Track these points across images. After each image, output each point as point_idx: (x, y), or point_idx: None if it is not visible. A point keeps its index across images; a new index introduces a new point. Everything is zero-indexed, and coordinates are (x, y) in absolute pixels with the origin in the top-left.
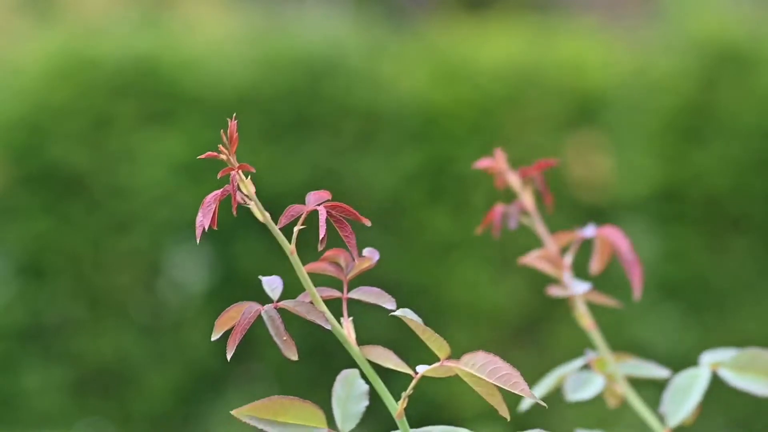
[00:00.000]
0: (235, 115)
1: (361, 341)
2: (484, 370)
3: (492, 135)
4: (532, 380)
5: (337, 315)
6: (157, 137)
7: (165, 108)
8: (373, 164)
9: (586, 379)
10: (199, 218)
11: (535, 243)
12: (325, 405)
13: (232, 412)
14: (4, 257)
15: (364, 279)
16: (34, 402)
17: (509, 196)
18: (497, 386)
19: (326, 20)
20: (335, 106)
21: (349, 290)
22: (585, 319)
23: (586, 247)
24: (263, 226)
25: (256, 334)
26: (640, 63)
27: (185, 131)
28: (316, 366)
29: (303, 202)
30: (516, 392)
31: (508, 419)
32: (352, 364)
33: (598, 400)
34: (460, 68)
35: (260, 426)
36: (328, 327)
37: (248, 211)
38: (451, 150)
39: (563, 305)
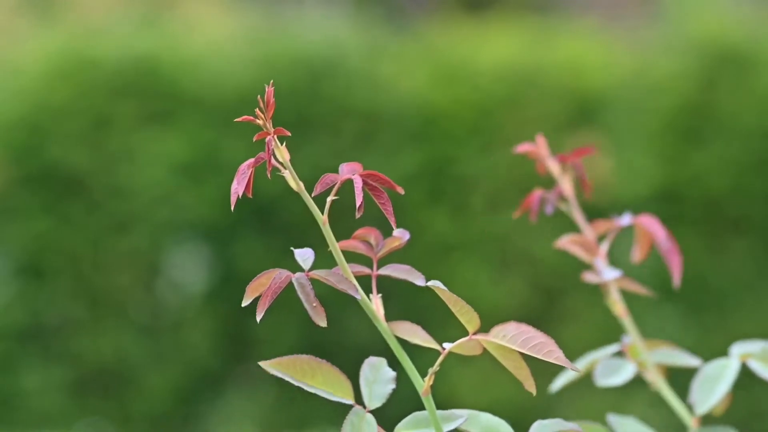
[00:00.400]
0: (272, 81)
1: (361, 336)
2: (516, 341)
3: (492, 136)
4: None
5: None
6: (157, 137)
7: (165, 108)
8: (372, 164)
9: (617, 366)
10: (234, 186)
11: (535, 245)
12: (327, 407)
13: (260, 363)
14: (4, 257)
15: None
16: (34, 402)
17: (509, 196)
18: (525, 361)
19: (326, 21)
20: (335, 106)
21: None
22: (617, 306)
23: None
24: (261, 226)
25: (255, 335)
26: (639, 64)
27: (185, 131)
28: None
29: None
30: (550, 360)
31: (534, 393)
32: (352, 365)
33: (604, 394)
34: (460, 69)
35: (287, 379)
36: (358, 297)
37: (247, 212)
38: (451, 151)
39: (563, 305)
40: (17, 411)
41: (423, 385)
